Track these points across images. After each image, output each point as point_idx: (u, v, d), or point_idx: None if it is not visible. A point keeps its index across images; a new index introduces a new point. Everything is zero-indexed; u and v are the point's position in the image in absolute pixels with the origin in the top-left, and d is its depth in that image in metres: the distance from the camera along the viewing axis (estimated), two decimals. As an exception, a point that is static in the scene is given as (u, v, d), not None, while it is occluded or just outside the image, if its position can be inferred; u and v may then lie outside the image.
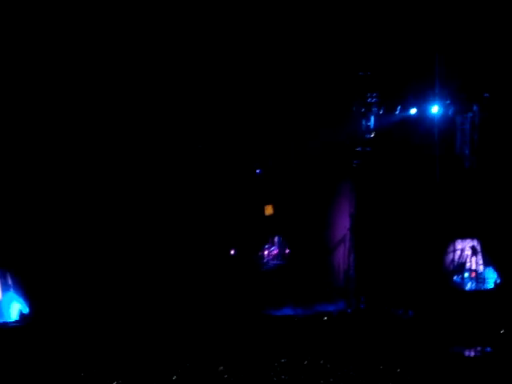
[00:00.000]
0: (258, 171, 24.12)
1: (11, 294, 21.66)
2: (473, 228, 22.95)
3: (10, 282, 21.72)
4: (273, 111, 22.73)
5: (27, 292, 21.42)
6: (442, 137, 22.62)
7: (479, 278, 22.93)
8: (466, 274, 23.09)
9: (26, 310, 21.34)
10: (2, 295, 21.71)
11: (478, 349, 19.10)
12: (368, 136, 23.19)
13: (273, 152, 23.22)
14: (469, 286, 23.03)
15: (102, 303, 20.78)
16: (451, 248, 23.38)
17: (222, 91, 22.47)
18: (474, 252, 23.20)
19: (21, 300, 21.52)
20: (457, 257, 23.27)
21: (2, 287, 21.68)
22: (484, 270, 23.02)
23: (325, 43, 22.07)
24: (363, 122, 23.19)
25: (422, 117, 22.57)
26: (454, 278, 23.21)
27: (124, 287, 21.59)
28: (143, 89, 21.90)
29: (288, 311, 22.58)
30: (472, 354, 19.04)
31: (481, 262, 23.07)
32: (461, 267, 23.25)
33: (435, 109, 22.48)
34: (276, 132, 22.86)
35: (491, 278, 22.87)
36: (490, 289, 22.76)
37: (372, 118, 23.11)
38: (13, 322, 21.05)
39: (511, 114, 22.08)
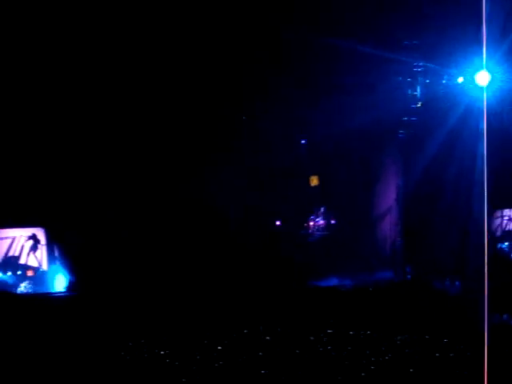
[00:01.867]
0: (303, 142, 24.09)
1: (57, 266, 22.05)
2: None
3: (56, 254, 22.10)
4: (318, 80, 22.62)
5: (72, 265, 21.76)
6: (489, 106, 22.31)
7: None
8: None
9: (69, 283, 21.70)
10: (48, 267, 22.11)
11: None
12: (414, 106, 22.99)
13: (318, 122, 23.13)
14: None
15: (141, 280, 20.94)
16: (498, 214, 23.19)
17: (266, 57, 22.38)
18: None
19: (65, 272, 21.89)
20: (504, 224, 23.11)
21: (48, 259, 22.07)
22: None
23: (370, 12, 21.85)
24: (409, 92, 22.98)
25: (469, 86, 22.29)
26: (499, 245, 23.05)
27: (164, 257, 21.73)
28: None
29: (334, 282, 22.62)
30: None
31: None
32: (507, 235, 23.09)
33: (483, 77, 22.16)
34: (322, 102, 22.75)
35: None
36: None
37: (418, 88, 22.90)
38: (58, 292, 21.44)
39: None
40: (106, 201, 21.72)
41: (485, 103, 21.26)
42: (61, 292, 21.43)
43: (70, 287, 21.54)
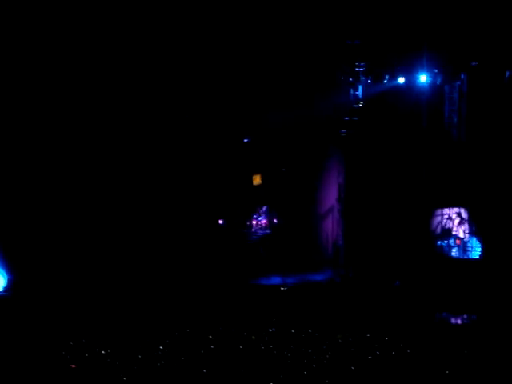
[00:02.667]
0: (245, 140, 24.07)
1: None
2: (460, 197, 23.01)
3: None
4: (260, 79, 22.63)
5: (8, 264, 21.46)
6: (430, 106, 22.60)
7: (464, 246, 23.05)
8: (451, 241, 23.22)
9: (7, 283, 21.41)
10: None
11: (465, 316, 19.28)
12: (356, 106, 23.15)
13: (261, 121, 23.14)
14: (453, 252, 23.15)
15: (83, 276, 20.76)
16: (438, 213, 23.46)
17: (209, 60, 22.34)
18: (461, 220, 23.30)
19: (3, 272, 21.58)
20: (443, 222, 23.38)
21: None
22: (469, 238, 23.13)
23: (313, 11, 21.92)
24: (351, 92, 23.13)
25: (410, 86, 22.54)
26: (439, 243, 23.32)
27: (108, 258, 21.59)
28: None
29: (277, 280, 22.66)
30: (458, 321, 19.20)
31: (467, 230, 23.17)
32: (446, 233, 23.36)
33: (423, 78, 22.43)
34: (264, 101, 22.77)
35: (476, 248, 22.98)
36: (475, 258, 22.88)
37: (360, 88, 23.07)
38: None
39: (499, 83, 22.03)
40: (44, 199, 21.45)
41: (425, 103, 21.56)
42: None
43: (8, 287, 21.23)
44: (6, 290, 21.20)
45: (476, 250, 23.00)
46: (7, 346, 15.88)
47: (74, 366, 14.70)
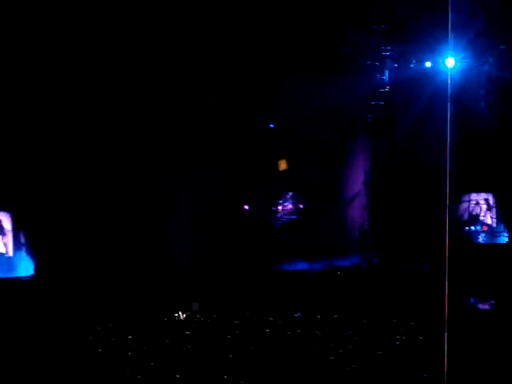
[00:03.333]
0: (271, 126, 24.05)
1: (23, 252, 21.94)
2: (488, 183, 22.89)
3: (22, 240, 21.97)
4: (288, 64, 22.56)
5: (37, 252, 21.63)
6: (457, 91, 22.43)
7: (492, 231, 22.94)
8: (479, 227, 23.11)
9: (33, 269, 21.61)
10: (14, 253, 21.98)
11: (492, 302, 19.20)
12: (382, 90, 23.04)
13: (287, 107, 23.10)
14: (481, 238, 23.05)
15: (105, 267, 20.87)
16: (466, 198, 23.35)
17: (236, 44, 22.30)
18: (488, 206, 23.17)
19: (31, 258, 21.78)
20: (471, 208, 23.27)
21: (14, 244, 21.94)
22: (497, 225, 23.00)
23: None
24: (378, 76, 23.02)
25: (436, 70, 22.37)
26: (466, 228, 23.23)
27: (132, 245, 21.67)
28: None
29: (303, 266, 22.68)
30: (486, 307, 19.13)
31: (494, 216, 23.04)
32: (474, 219, 23.26)
33: (450, 62, 22.25)
34: (291, 86, 22.72)
35: (503, 234, 22.86)
36: (502, 243, 22.76)
37: (386, 72, 22.94)
38: (23, 277, 21.35)
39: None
40: (73, 189, 21.55)
41: (451, 88, 21.36)
42: (26, 277, 21.32)
43: (36, 273, 21.42)
44: (32, 275, 21.43)
45: (503, 236, 22.90)
46: (33, 331, 16.06)
47: (100, 350, 14.83)
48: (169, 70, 21.92)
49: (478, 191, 23.43)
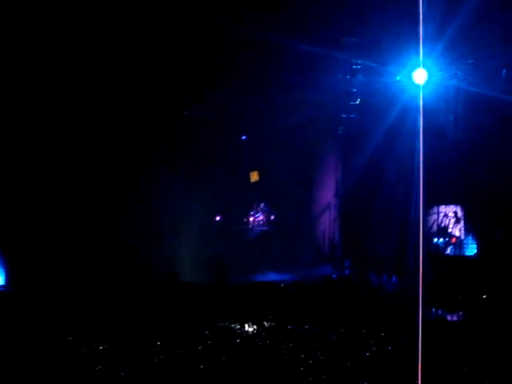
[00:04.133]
0: (243, 138, 24.14)
1: None
2: (456, 195, 23.10)
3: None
4: (259, 76, 22.67)
5: (8, 262, 21.54)
6: (426, 104, 22.63)
7: (460, 244, 23.16)
8: (447, 239, 23.31)
9: (5, 279, 21.51)
10: None
11: (460, 313, 19.37)
12: (353, 103, 23.22)
13: (259, 119, 23.20)
14: (449, 250, 23.25)
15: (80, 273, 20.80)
16: (434, 211, 23.54)
17: (207, 57, 22.38)
18: (457, 218, 23.39)
19: (1, 269, 21.68)
20: (439, 220, 23.46)
21: None
22: (465, 237, 23.23)
23: (310, 9, 21.96)
24: (348, 89, 23.20)
25: (406, 83, 22.58)
26: (435, 241, 23.42)
27: (104, 253, 21.61)
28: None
29: (273, 277, 22.73)
30: (455, 318, 19.29)
31: (462, 228, 23.26)
32: (442, 231, 23.46)
33: (420, 75, 22.48)
34: (262, 98, 22.82)
35: (471, 246, 23.09)
36: (470, 256, 22.98)
37: (357, 85, 23.12)
38: None
39: (494, 83, 22.12)
40: (43, 198, 21.48)
41: (421, 101, 21.56)
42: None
43: (7, 283, 21.31)
44: (3, 285, 21.31)
45: (471, 248, 23.11)
46: (6, 341, 15.96)
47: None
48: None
49: (447, 203, 23.64)
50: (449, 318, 19.40)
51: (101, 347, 15.69)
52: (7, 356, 14.76)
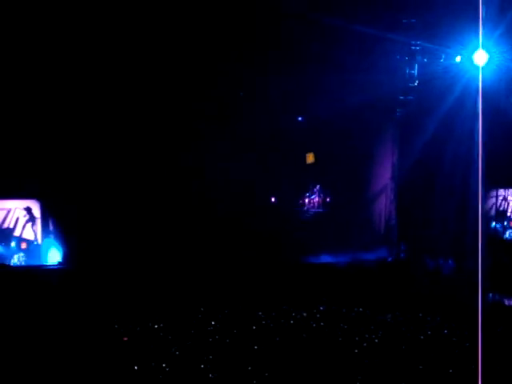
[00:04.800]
0: (300, 119, 24.06)
1: (51, 239, 22.13)
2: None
3: (51, 227, 22.17)
4: (315, 57, 22.54)
5: (66, 239, 21.81)
6: (487, 86, 22.28)
7: None
8: (506, 222, 23.00)
9: (62, 256, 21.77)
10: (43, 240, 22.18)
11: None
12: (411, 84, 22.96)
13: (316, 99, 23.07)
14: (507, 234, 22.94)
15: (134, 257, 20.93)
16: (493, 194, 23.25)
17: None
18: (515, 201, 23.09)
19: (59, 246, 21.95)
20: (498, 204, 23.16)
21: (43, 232, 22.14)
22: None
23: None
24: (407, 70, 22.94)
25: (467, 65, 22.24)
26: (494, 224, 23.13)
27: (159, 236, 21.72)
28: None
29: (328, 259, 22.68)
30: (512, 303, 19.06)
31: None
32: (501, 215, 23.15)
33: (481, 57, 22.11)
34: (318, 79, 22.69)
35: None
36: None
37: (416, 67, 22.85)
38: (51, 265, 21.52)
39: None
40: (102, 178, 21.67)
41: (480, 83, 21.23)
42: (54, 265, 21.48)
43: (64, 261, 21.57)
44: (61, 262, 21.59)
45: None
46: (63, 318, 16.19)
47: (126, 338, 14.94)
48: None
49: (506, 187, 23.32)
50: (508, 303, 19.15)
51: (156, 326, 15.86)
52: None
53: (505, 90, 22.60)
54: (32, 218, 22.02)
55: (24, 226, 22.05)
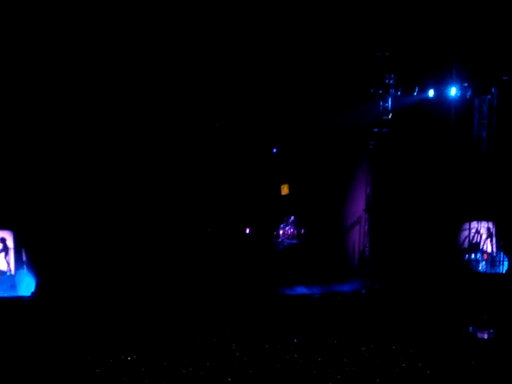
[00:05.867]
0: (274, 150, 24.14)
1: (24, 270, 21.97)
2: (489, 211, 22.92)
3: (24, 258, 22.00)
4: (290, 90, 22.70)
5: (39, 269, 21.66)
6: (459, 119, 22.55)
7: (492, 260, 22.95)
8: (479, 255, 23.12)
9: (35, 287, 21.59)
10: (16, 271, 22.00)
11: (491, 331, 19.16)
12: (385, 117, 23.16)
13: (290, 131, 23.20)
14: (481, 267, 23.06)
15: (109, 287, 20.84)
16: (466, 227, 23.38)
17: (240, 69, 22.43)
18: (489, 234, 23.19)
19: (32, 277, 21.78)
20: (471, 236, 23.29)
21: (16, 263, 21.97)
22: (497, 253, 23.02)
23: (343, 23, 21.97)
24: (381, 103, 23.15)
25: (439, 99, 22.52)
26: (466, 256, 23.25)
27: (132, 268, 21.65)
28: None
29: (302, 290, 22.67)
30: (485, 336, 19.09)
31: (494, 244, 23.07)
32: (474, 247, 23.28)
33: (453, 91, 22.40)
34: (293, 111, 22.84)
35: (504, 262, 22.88)
36: (502, 272, 22.78)
37: (389, 100, 23.08)
38: (24, 296, 21.33)
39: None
40: (74, 206, 21.61)
41: (453, 116, 21.51)
42: (27, 296, 21.29)
43: (37, 291, 21.39)
44: (33, 294, 21.40)
45: (504, 265, 22.90)
46: (31, 350, 16.04)
47: (98, 370, 14.82)
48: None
49: (479, 219, 23.46)
50: (479, 335, 19.20)
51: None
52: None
53: (477, 123, 22.87)
54: (5, 249, 21.86)
55: (-4, 256, 21.94)
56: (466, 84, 22.40)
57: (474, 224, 23.34)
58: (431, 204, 22.93)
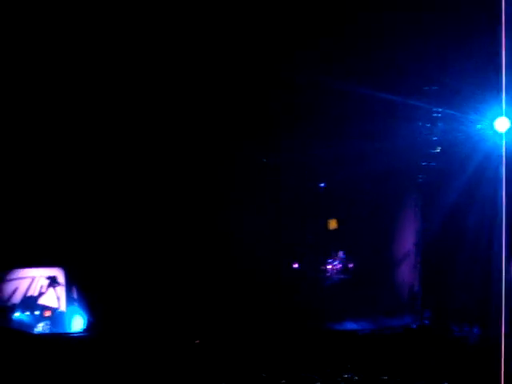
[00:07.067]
0: (322, 185, 24.17)
1: (75, 307, 22.17)
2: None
3: (75, 295, 22.22)
4: (339, 124, 22.75)
5: (90, 306, 21.84)
6: (509, 153, 22.32)
7: None
8: None
9: (86, 324, 21.76)
10: (67, 307, 22.22)
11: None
12: (433, 151, 23.08)
13: (338, 166, 23.23)
14: None
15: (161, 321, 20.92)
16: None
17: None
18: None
19: (83, 313, 21.96)
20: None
21: (67, 300, 22.19)
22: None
23: (392, 58, 22.00)
24: (428, 137, 23.08)
25: (488, 132, 22.33)
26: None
27: (183, 307, 21.73)
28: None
29: (351, 326, 22.55)
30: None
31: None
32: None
33: (502, 124, 22.19)
34: (342, 146, 22.86)
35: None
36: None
37: (437, 133, 23.00)
38: (75, 333, 21.51)
39: None
40: (125, 244, 21.80)
41: (504, 150, 21.28)
42: (78, 333, 21.48)
43: (88, 328, 21.58)
44: (85, 330, 21.59)
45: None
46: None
47: None
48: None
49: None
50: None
51: None
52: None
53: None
54: (56, 286, 22.11)
55: (47, 294, 22.15)
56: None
57: None
58: (481, 237, 22.67)
